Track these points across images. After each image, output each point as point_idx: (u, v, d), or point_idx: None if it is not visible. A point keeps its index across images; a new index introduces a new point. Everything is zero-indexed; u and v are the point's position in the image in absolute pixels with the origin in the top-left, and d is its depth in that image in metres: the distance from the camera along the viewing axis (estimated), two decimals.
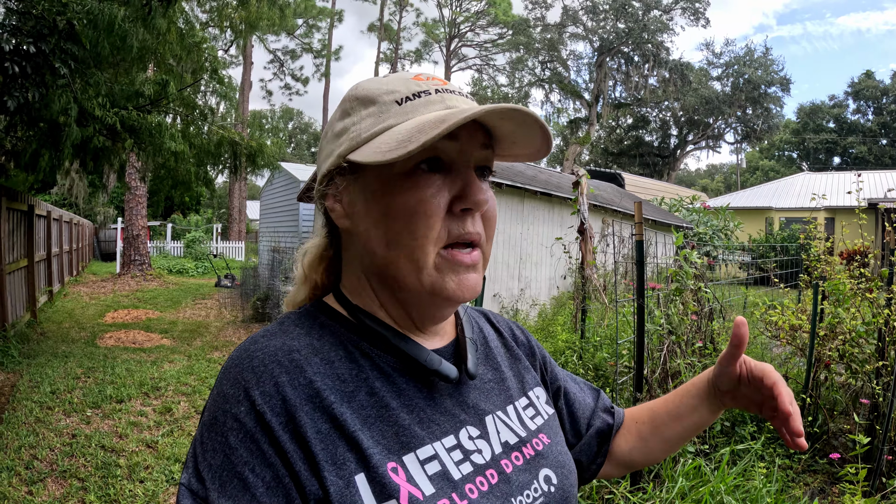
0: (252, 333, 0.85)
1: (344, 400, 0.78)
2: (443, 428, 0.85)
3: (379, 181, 0.84)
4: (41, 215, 11.44)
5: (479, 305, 4.18)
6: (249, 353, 0.79)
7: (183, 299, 14.95)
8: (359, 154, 0.82)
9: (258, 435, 0.72)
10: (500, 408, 0.97)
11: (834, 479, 4.51)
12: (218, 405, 0.76)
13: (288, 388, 0.75)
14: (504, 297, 11.24)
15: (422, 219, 0.81)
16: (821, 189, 28.62)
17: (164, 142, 7.89)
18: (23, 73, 5.34)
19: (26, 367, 7.34)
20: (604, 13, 46.79)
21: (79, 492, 4.29)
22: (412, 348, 0.87)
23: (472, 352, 0.96)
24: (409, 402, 0.84)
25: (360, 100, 0.88)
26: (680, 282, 4.45)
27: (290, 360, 0.78)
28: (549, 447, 0.98)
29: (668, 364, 4.03)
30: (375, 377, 0.83)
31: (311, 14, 43.90)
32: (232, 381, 0.76)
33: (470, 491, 0.80)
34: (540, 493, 0.89)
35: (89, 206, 27.78)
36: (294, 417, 0.73)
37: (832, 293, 5.32)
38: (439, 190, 0.82)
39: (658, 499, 3.34)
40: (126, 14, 6.41)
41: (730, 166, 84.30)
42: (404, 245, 0.82)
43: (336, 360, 0.82)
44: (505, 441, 0.92)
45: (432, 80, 0.88)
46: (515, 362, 1.10)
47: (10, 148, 8.16)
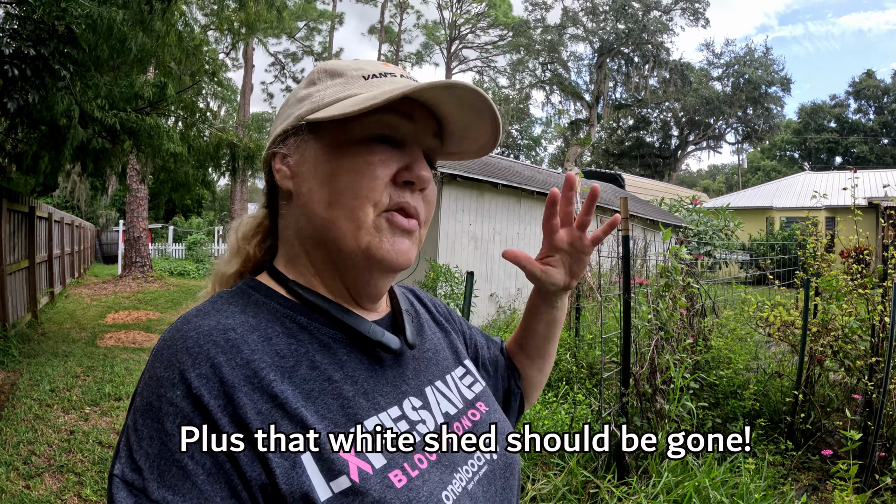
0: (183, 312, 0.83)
1: (285, 376, 0.76)
2: (387, 399, 0.85)
3: (333, 143, 0.86)
4: (42, 217, 11.48)
5: (468, 307, 4.23)
6: (183, 334, 0.76)
7: (184, 301, 14.92)
8: (318, 114, 0.84)
9: (196, 419, 0.69)
10: (438, 377, 0.98)
11: (827, 475, 4.50)
12: (151, 389, 0.72)
13: (225, 368, 0.72)
14: (501, 297, 11.27)
15: (366, 180, 0.83)
16: (822, 189, 28.58)
17: (162, 143, 7.94)
18: (23, 76, 5.39)
19: (26, 366, 7.39)
20: (604, 14, 46.74)
21: (75, 486, 4.34)
22: (353, 320, 0.87)
23: (410, 322, 0.98)
24: (351, 373, 0.83)
25: (328, 72, 0.91)
26: (668, 277, 4.49)
27: (225, 340, 0.75)
28: (489, 413, 1.01)
29: (656, 360, 4.06)
30: (316, 350, 0.82)
31: (312, 17, 43.93)
32: (166, 364, 0.73)
33: (419, 461, 0.81)
34: (484, 462, 0.91)
35: (91, 208, 27.81)
36: (233, 399, 0.71)
37: (826, 289, 5.34)
38: (388, 159, 0.84)
39: (643, 493, 3.38)
40: (125, 17, 6.47)
41: (731, 167, 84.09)
42: (345, 204, 0.83)
43: (274, 335, 0.80)
44: (446, 411, 0.93)
45: (399, 69, 0.92)
46: (446, 335, 1.13)
47: (11, 150, 8.22)
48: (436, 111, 0.89)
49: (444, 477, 0.82)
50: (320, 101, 0.86)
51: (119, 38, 6.40)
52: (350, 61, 0.93)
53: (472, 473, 0.87)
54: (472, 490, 0.86)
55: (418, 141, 0.89)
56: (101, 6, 6.19)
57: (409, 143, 0.87)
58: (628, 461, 3.75)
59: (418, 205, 0.88)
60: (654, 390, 3.99)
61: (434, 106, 0.88)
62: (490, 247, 11.11)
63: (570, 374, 6.08)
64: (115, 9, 6.37)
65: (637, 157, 53.92)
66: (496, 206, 11.23)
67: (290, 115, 0.89)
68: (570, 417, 4.58)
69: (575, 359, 6.26)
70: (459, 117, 0.88)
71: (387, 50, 51.92)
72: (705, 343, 5.71)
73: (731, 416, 5.22)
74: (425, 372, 0.97)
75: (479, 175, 10.35)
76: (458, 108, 0.86)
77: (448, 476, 0.83)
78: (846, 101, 57.42)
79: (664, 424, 3.96)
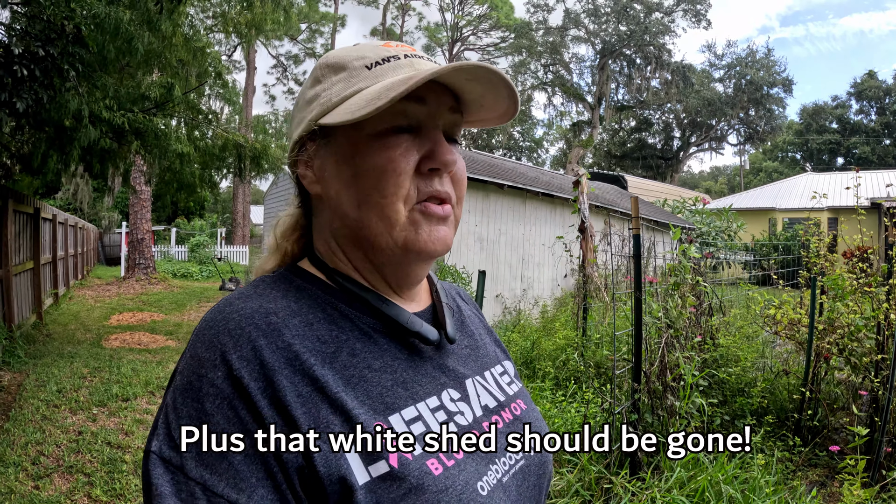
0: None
1: (325, 362, 0.77)
2: (425, 389, 0.85)
3: (349, 143, 0.85)
4: (47, 219, 11.52)
5: (481, 306, 4.23)
6: (225, 316, 0.77)
7: (187, 302, 14.98)
8: (329, 117, 0.84)
9: (235, 401, 0.70)
10: (478, 373, 0.98)
11: (834, 472, 4.55)
12: (193, 369, 0.73)
13: (266, 351, 0.73)
14: (507, 298, 11.27)
15: (391, 177, 0.82)
16: (824, 189, 28.57)
17: (169, 144, 7.95)
18: (31, 76, 5.40)
19: (32, 366, 7.40)
20: (605, 16, 46.79)
21: (85, 486, 4.34)
22: (392, 310, 0.88)
23: (450, 316, 0.98)
24: (391, 363, 0.83)
25: (330, 67, 0.90)
26: (678, 276, 4.49)
27: (267, 323, 0.76)
28: (527, 412, 1.01)
29: (666, 357, 4.07)
30: (356, 338, 0.83)
31: (315, 19, 43.93)
32: (207, 345, 0.74)
33: (456, 452, 0.80)
34: (522, 457, 0.91)
35: (94, 210, 27.84)
36: (273, 382, 0.71)
37: (831, 288, 5.35)
38: (408, 150, 0.84)
39: (657, 488, 3.38)
40: (132, 18, 6.48)
41: (733, 168, 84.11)
42: (374, 204, 0.83)
43: (315, 321, 0.81)
44: (485, 405, 0.93)
45: (402, 48, 0.90)
46: (489, 333, 1.14)
47: (17, 151, 8.23)
48: (449, 86, 0.88)
49: (480, 468, 0.82)
50: (328, 101, 0.86)
51: (126, 38, 6.40)
52: (350, 48, 0.92)
53: (509, 466, 0.87)
54: (507, 483, 0.86)
55: (435, 122, 0.87)
56: (109, 6, 6.19)
57: (426, 127, 0.86)
58: (640, 457, 3.75)
59: (448, 189, 0.88)
60: (665, 387, 4.00)
61: (445, 82, 0.86)
62: (496, 247, 11.13)
63: (577, 373, 6.08)
64: (123, 9, 6.37)
65: (639, 159, 53.95)
66: (502, 207, 11.24)
67: (304, 120, 0.89)
68: (580, 416, 4.59)
69: (582, 358, 6.26)
70: (473, 89, 0.87)
71: None
72: (713, 341, 5.72)
73: (739, 414, 5.23)
74: (465, 365, 0.97)
75: (485, 176, 10.37)
76: (470, 82, 0.85)
77: (484, 467, 0.83)
78: (848, 102, 57.37)
79: (675, 421, 3.97)
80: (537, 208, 12.10)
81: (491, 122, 0.96)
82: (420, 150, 0.85)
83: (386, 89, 0.79)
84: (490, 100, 0.89)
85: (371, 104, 0.78)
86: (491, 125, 0.97)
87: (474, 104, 0.91)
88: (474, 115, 0.94)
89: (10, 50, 5.30)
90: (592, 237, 7.29)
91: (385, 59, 0.87)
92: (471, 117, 0.95)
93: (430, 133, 0.86)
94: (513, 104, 0.89)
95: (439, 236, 0.86)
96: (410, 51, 0.90)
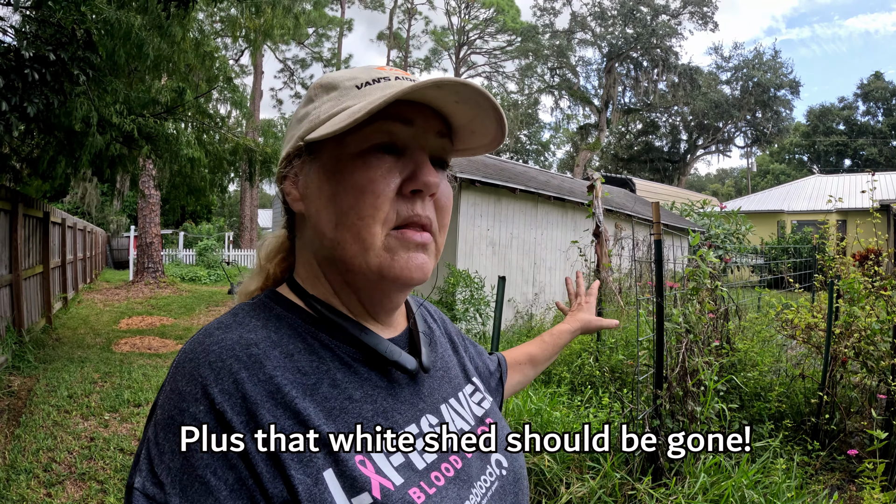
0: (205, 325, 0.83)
1: (306, 394, 0.76)
2: (405, 417, 0.86)
3: (333, 161, 0.84)
4: (56, 223, 11.55)
5: (500, 312, 4.19)
6: (205, 348, 0.76)
7: (196, 306, 15.00)
8: (313, 134, 0.82)
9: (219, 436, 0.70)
10: (452, 395, 0.99)
11: (851, 475, 4.55)
12: (174, 403, 0.72)
13: (248, 384, 0.73)
14: (519, 302, 11.25)
15: (369, 197, 0.80)
16: (832, 191, 28.53)
17: (180, 148, 7.96)
18: (42, 81, 5.38)
19: (42, 371, 7.39)
20: (612, 19, 46.88)
21: (98, 494, 4.30)
22: (371, 339, 0.87)
23: (426, 345, 0.99)
24: (370, 392, 0.83)
25: (323, 86, 0.89)
26: (697, 281, 4.46)
27: (248, 355, 0.75)
28: (496, 431, 1.01)
29: (686, 362, 4.03)
30: (337, 368, 0.82)
31: (322, 23, 44.06)
32: (188, 378, 0.73)
33: (436, 479, 0.81)
34: (495, 477, 0.92)
35: (102, 214, 27.93)
36: (255, 415, 0.71)
37: (846, 292, 5.34)
38: (390, 171, 0.82)
39: (681, 494, 3.35)
40: (143, 22, 6.47)
41: (740, 170, 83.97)
42: (351, 225, 0.81)
43: (296, 352, 0.80)
44: (460, 428, 0.94)
45: (395, 71, 0.89)
46: (456, 351, 1.15)
47: (26, 155, 8.23)
48: (438, 109, 0.86)
49: (462, 492, 0.83)
50: (317, 118, 0.85)
51: (136, 43, 6.39)
52: (345, 71, 0.91)
53: (486, 489, 0.88)
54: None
55: (420, 144, 0.85)
56: (120, 10, 6.19)
57: (411, 149, 0.85)
58: (663, 462, 3.71)
59: (430, 213, 0.86)
60: (686, 393, 3.97)
61: (434, 104, 0.84)
62: (507, 251, 11.10)
63: (592, 377, 6.05)
64: (133, 14, 6.37)
65: (646, 162, 53.97)
66: (513, 211, 11.22)
67: (293, 137, 0.89)
68: (598, 422, 4.55)
69: (598, 362, 6.23)
70: (461, 111, 0.85)
71: (395, 56, 52.10)
72: (730, 345, 5.69)
73: (757, 418, 5.21)
74: (440, 390, 0.97)
75: (496, 180, 10.35)
76: (457, 103, 0.83)
77: (466, 491, 0.84)
78: (855, 104, 57.38)
79: (695, 426, 3.94)
80: (549, 212, 12.08)
81: (480, 150, 0.95)
82: (403, 171, 0.83)
83: (367, 104, 0.78)
84: (479, 124, 0.87)
85: (351, 116, 0.77)
86: (480, 153, 0.96)
87: (464, 130, 0.89)
88: (465, 143, 0.93)
89: (20, 54, 5.28)
90: (607, 241, 7.26)
91: (375, 79, 0.86)
92: (461, 145, 0.93)
93: (415, 154, 0.85)
94: (500, 129, 0.88)
95: (416, 264, 0.84)
96: (404, 74, 0.89)
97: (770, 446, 4.42)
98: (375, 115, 0.78)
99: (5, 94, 5.17)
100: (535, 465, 3.82)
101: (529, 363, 1.52)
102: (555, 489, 3.72)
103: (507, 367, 1.43)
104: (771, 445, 4.43)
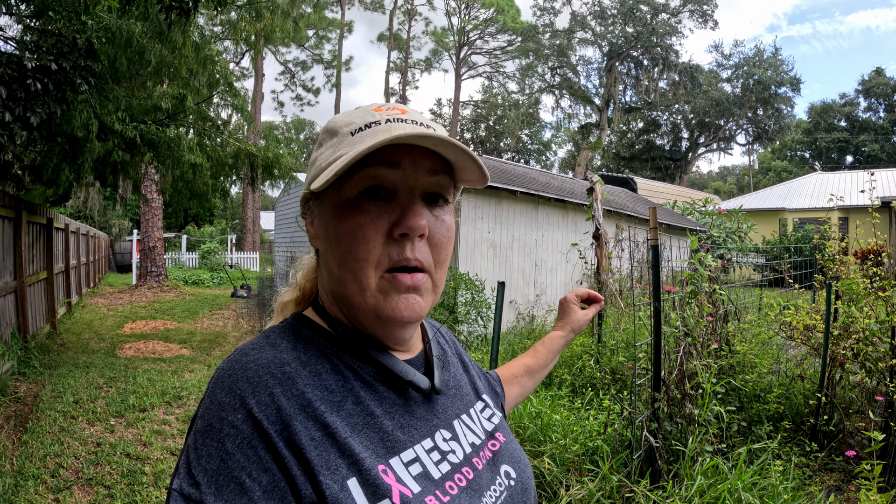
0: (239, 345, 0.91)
1: (333, 409, 0.82)
2: (420, 432, 0.92)
3: (332, 206, 0.91)
4: (59, 228, 11.59)
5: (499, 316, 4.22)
6: (243, 365, 0.83)
7: (200, 310, 15.02)
8: (314, 183, 0.87)
9: (255, 441, 0.75)
10: (463, 411, 1.06)
11: (850, 476, 4.54)
12: (213, 413, 0.78)
13: (282, 398, 0.79)
14: (520, 304, 11.27)
15: (360, 243, 0.86)
16: (834, 189, 28.48)
17: (182, 154, 7.99)
18: (45, 90, 5.43)
19: (48, 377, 7.42)
20: (612, 18, 46.79)
21: (105, 499, 4.33)
22: (388, 360, 0.94)
23: (439, 368, 1.05)
24: (389, 409, 0.90)
25: (328, 132, 0.95)
26: (695, 284, 4.48)
27: (282, 373, 0.82)
28: (505, 444, 1.09)
29: (684, 365, 4.06)
30: (360, 387, 0.89)
31: (322, 25, 44.00)
32: (227, 391, 0.79)
33: (450, 488, 0.88)
34: (504, 487, 0.98)
35: (104, 218, 27.94)
36: (289, 426, 0.77)
37: (846, 292, 5.35)
38: (378, 216, 0.87)
39: (678, 496, 3.38)
40: (143, 29, 6.50)
41: (742, 168, 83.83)
42: (350, 266, 0.88)
43: (323, 372, 0.87)
44: (472, 442, 1.01)
45: (391, 111, 0.92)
46: (466, 370, 1.21)
47: (29, 163, 8.27)
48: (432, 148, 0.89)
49: (473, 501, 0.89)
50: (319, 166, 0.91)
51: (138, 50, 6.43)
52: (347, 114, 0.96)
53: (495, 498, 0.94)
54: None
55: (409, 186, 0.89)
56: (121, 18, 6.22)
57: (400, 192, 0.89)
58: (661, 465, 3.74)
59: (421, 254, 0.90)
60: (684, 396, 4.00)
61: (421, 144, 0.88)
62: (509, 254, 11.12)
63: (593, 379, 6.08)
64: (134, 21, 6.40)
65: (648, 160, 53.89)
66: (514, 214, 11.23)
67: (306, 182, 0.95)
68: (599, 424, 4.58)
69: (598, 364, 6.26)
70: (447, 151, 0.89)
71: (396, 57, 52.14)
72: (729, 347, 5.70)
73: (756, 420, 5.22)
74: (452, 406, 1.04)
75: (497, 183, 10.36)
76: (437, 146, 0.87)
77: (476, 500, 0.90)
78: (856, 100, 57.15)
79: (693, 429, 3.97)
80: (550, 214, 12.09)
81: (474, 184, 0.98)
82: (391, 215, 0.88)
83: (348, 155, 0.84)
84: (463, 164, 0.91)
85: (334, 169, 0.83)
86: (476, 186, 0.99)
87: (457, 165, 0.93)
88: (462, 176, 0.96)
89: (23, 64, 5.32)
90: (607, 244, 7.28)
91: (367, 124, 0.90)
92: (461, 177, 0.97)
93: (403, 197, 0.89)
94: (480, 172, 0.92)
95: (408, 305, 0.89)
96: (400, 113, 0.92)
97: (769, 447, 4.44)
98: (363, 160, 0.85)
99: (8, 105, 5.21)
100: (535, 468, 3.86)
101: (527, 374, 1.57)
102: (555, 491, 3.76)
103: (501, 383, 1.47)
104: (769, 447, 4.45)
